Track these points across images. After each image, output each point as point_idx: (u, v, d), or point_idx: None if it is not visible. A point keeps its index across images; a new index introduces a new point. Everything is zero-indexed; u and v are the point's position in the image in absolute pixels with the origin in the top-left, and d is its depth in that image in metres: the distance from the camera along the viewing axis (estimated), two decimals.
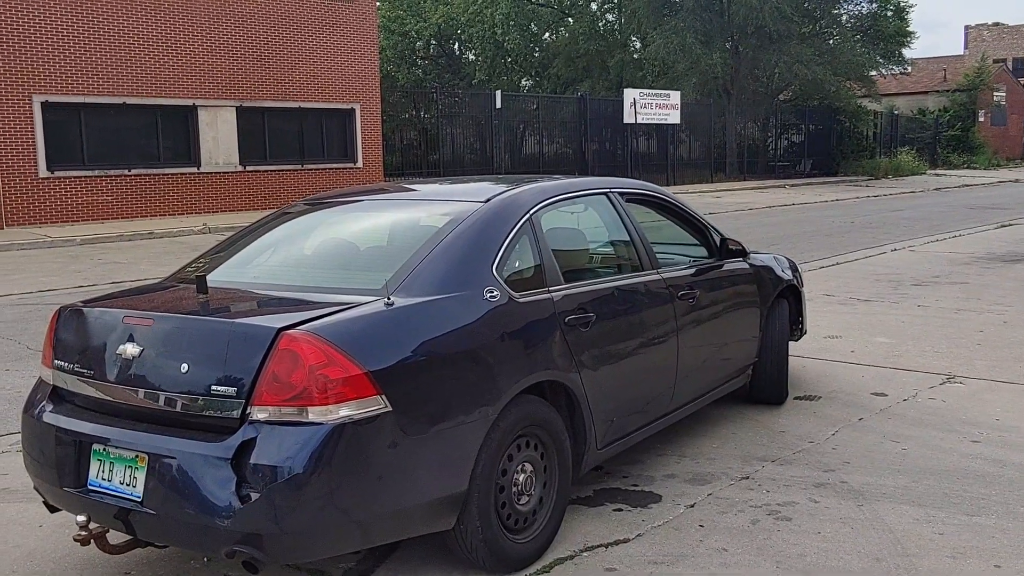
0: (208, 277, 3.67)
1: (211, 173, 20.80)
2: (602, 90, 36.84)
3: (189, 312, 3.40)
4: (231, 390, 3.01)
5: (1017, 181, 35.05)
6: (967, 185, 32.45)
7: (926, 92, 50.72)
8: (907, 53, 38.17)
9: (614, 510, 4.17)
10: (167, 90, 19.88)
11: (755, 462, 4.75)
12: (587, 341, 3.92)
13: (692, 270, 4.97)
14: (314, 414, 2.96)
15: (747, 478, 4.53)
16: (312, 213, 4.52)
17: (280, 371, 2.97)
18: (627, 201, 4.73)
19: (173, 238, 17.05)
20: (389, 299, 3.29)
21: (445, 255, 3.57)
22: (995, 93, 50.70)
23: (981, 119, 49.50)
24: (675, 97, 31.57)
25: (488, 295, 3.55)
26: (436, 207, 4.15)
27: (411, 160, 28.92)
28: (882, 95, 42.25)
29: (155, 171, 19.94)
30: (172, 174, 20.20)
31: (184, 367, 3.11)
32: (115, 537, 3.41)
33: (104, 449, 3.24)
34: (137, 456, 3.14)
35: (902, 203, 24.55)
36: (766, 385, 5.66)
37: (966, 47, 55.82)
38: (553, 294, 3.85)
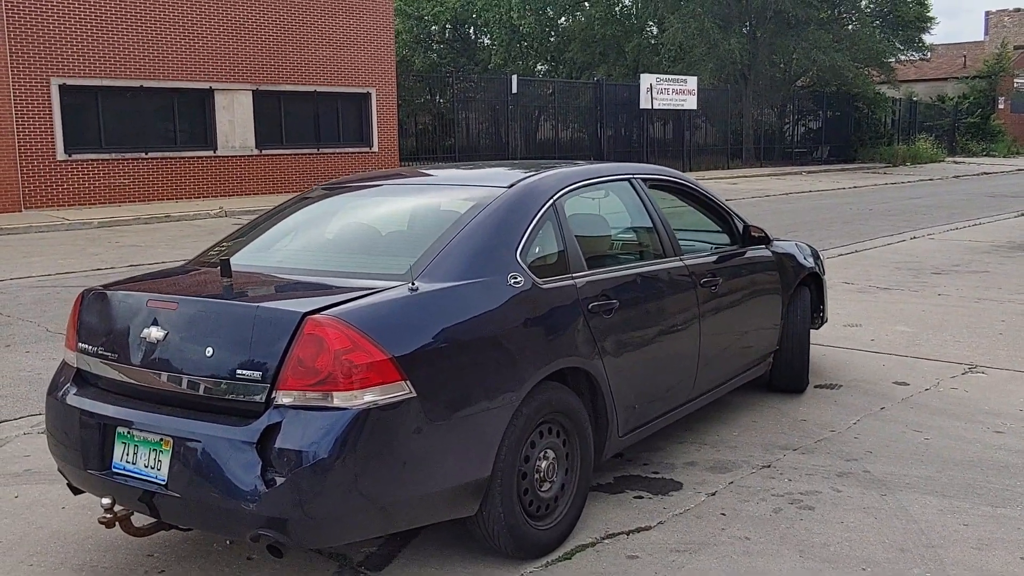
0: (231, 261, 3.67)
1: (227, 156, 20.84)
2: (618, 75, 36.63)
3: (214, 296, 3.40)
4: (256, 374, 3.01)
5: None
6: (986, 173, 32.16)
7: (945, 79, 50.22)
8: (927, 39, 37.81)
9: (635, 497, 4.16)
10: (184, 73, 19.89)
11: (776, 450, 4.73)
12: (610, 328, 3.90)
13: (714, 257, 4.94)
14: (339, 399, 2.95)
15: (769, 466, 4.51)
16: (331, 198, 4.50)
17: (305, 356, 2.97)
18: (649, 187, 4.70)
19: (189, 221, 17.10)
20: (414, 284, 3.28)
21: (469, 240, 3.55)
22: (1016, 79, 50.12)
23: (1001, 106, 49.01)
24: (692, 82, 31.36)
25: (512, 281, 3.53)
26: (458, 192, 4.13)
27: (426, 145, 28.89)
28: (900, 81, 41.85)
29: (172, 154, 19.99)
30: (189, 157, 20.25)
31: (209, 351, 3.11)
32: (139, 519, 3.43)
33: (129, 432, 3.25)
34: (162, 439, 3.15)
35: (920, 190, 24.36)
36: (787, 373, 5.63)
37: (987, 33, 55.07)
38: (576, 280, 3.83)
